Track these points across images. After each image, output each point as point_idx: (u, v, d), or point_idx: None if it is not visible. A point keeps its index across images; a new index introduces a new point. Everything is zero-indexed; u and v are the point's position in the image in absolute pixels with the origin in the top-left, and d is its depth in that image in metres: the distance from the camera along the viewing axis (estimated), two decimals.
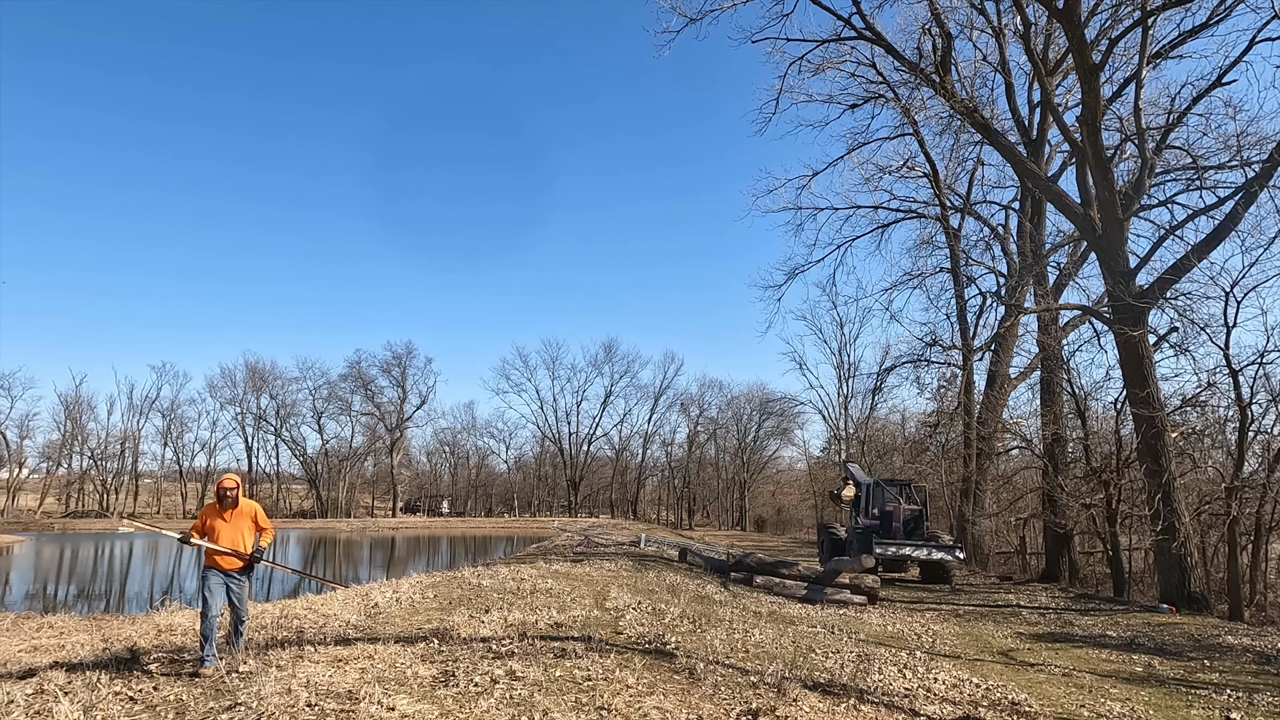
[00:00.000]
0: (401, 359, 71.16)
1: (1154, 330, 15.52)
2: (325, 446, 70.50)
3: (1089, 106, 14.79)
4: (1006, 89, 20.77)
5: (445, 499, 76.02)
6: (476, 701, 5.14)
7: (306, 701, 4.87)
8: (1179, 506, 13.73)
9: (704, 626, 8.85)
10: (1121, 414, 16.97)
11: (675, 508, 72.29)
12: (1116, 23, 17.37)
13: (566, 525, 50.44)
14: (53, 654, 7.35)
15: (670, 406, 72.13)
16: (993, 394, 23.58)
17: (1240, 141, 15.51)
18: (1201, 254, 13.97)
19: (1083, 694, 6.87)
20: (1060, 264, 23.62)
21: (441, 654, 6.57)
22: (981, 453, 23.22)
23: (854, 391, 49.58)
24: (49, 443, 65.02)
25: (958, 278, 25.59)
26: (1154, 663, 8.57)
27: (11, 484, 58.90)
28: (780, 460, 70.45)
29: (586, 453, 73.66)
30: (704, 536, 45.10)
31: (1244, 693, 7.00)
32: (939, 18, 18.78)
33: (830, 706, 5.56)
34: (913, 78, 19.88)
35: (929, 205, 26.73)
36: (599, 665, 6.27)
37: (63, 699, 4.99)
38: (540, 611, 9.08)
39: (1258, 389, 13.69)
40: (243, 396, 68.70)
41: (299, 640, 7.03)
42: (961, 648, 9.34)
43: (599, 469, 74.91)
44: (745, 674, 6.39)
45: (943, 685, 6.67)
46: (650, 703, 5.31)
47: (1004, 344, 23.60)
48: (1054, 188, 17.87)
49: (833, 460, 51.48)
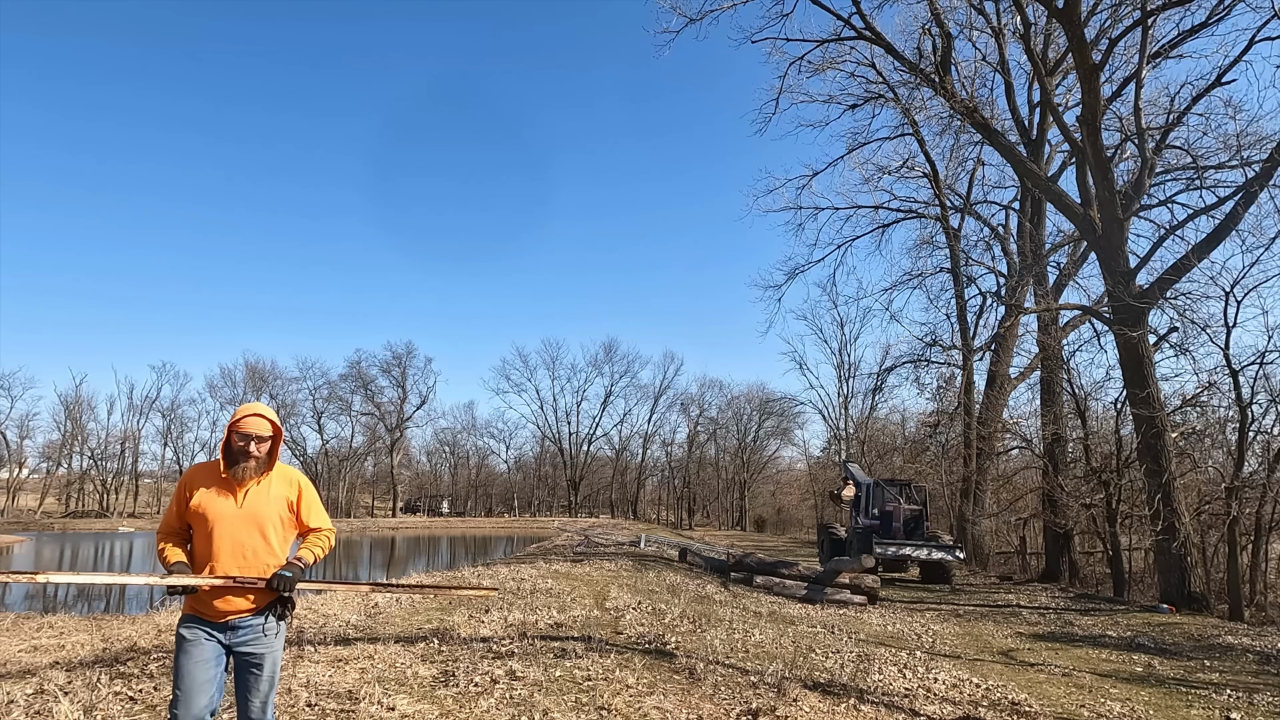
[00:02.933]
0: (401, 359, 71.30)
1: (1154, 330, 15.53)
2: (325, 446, 70.55)
3: (1089, 106, 14.79)
4: (1006, 89, 20.79)
5: (445, 499, 76.06)
6: (476, 701, 5.14)
7: (306, 701, 4.88)
8: (1179, 506, 13.73)
9: (704, 626, 8.85)
10: (1121, 414, 16.97)
11: (675, 508, 72.32)
12: (1116, 22, 17.38)
13: (566, 525, 50.44)
14: (53, 654, 7.35)
15: (670, 406, 72.28)
16: (993, 394, 23.59)
17: (1240, 141, 15.51)
18: (1201, 254, 13.97)
19: (1083, 694, 6.87)
20: (1060, 264, 23.65)
21: (441, 654, 6.57)
22: (981, 453, 23.22)
23: (854, 391, 49.65)
24: (49, 443, 65.12)
25: (958, 278, 25.60)
26: (1154, 663, 8.57)
27: (11, 484, 58.89)
28: (780, 460, 70.61)
29: (586, 453, 73.72)
30: (704, 536, 45.11)
31: (1244, 693, 7.00)
32: (939, 18, 18.79)
33: (830, 706, 5.56)
34: (913, 78, 19.89)
35: (929, 205, 26.77)
36: (599, 665, 6.27)
37: (63, 699, 4.99)
38: (540, 611, 9.08)
39: (1258, 389, 13.71)
40: (243, 396, 68.70)
41: (298, 640, 7.03)
42: (961, 648, 9.34)
43: (599, 469, 74.96)
44: (745, 674, 6.39)
45: (943, 685, 6.67)
46: (650, 703, 5.31)
47: (1004, 344, 23.60)
48: (1054, 188, 17.87)
49: (833, 460, 51.49)
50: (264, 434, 3.14)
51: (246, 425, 3.11)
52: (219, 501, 3.10)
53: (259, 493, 3.16)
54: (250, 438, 3.11)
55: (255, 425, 3.13)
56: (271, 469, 3.21)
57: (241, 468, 3.11)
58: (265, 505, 3.16)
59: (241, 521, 3.10)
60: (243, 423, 3.12)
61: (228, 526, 3.08)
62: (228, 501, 3.10)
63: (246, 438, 3.11)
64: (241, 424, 3.12)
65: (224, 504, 3.10)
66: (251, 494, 3.14)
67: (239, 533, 3.09)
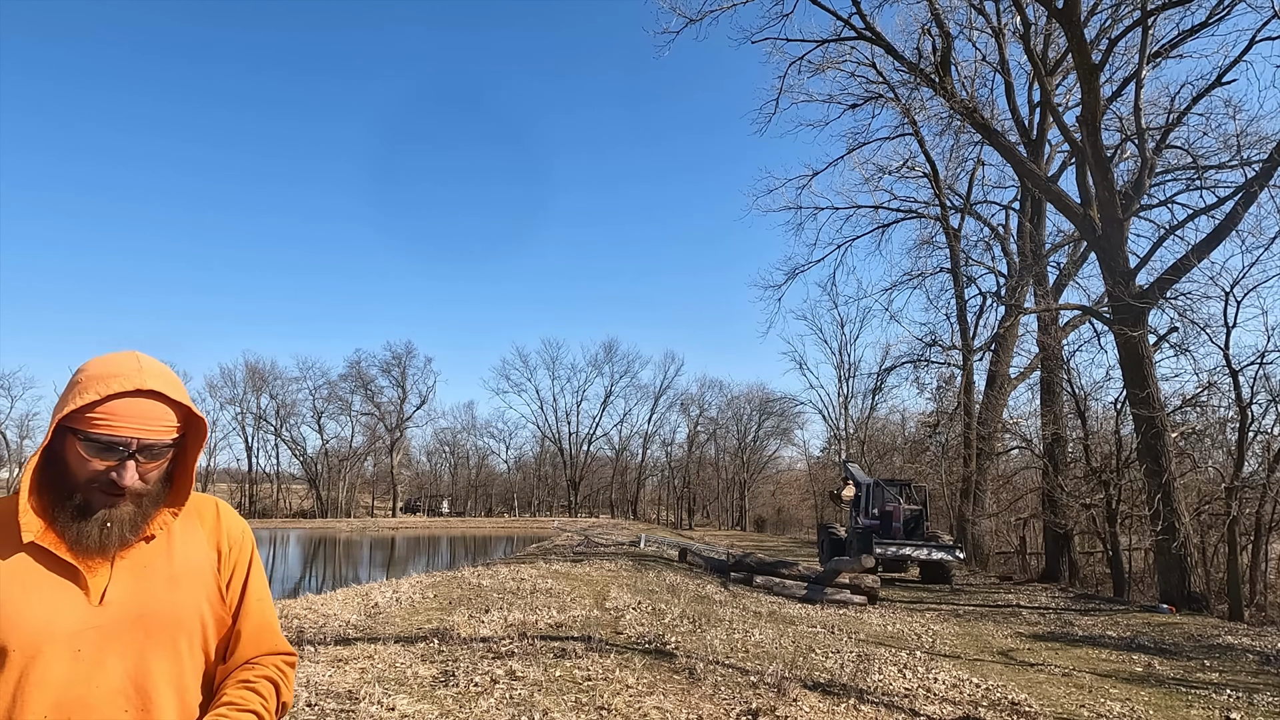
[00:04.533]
0: (401, 359, 71.16)
1: (1154, 330, 15.53)
2: (325, 446, 70.47)
3: (1089, 106, 14.80)
4: (1006, 89, 20.79)
5: (445, 499, 76.01)
6: (476, 701, 5.14)
7: (306, 701, 4.88)
8: (1179, 506, 13.73)
9: (704, 626, 8.85)
10: (1121, 414, 16.98)
11: (675, 508, 72.31)
12: (1116, 22, 17.39)
13: (566, 525, 50.43)
14: None
15: (670, 406, 72.11)
16: (993, 394, 23.59)
17: (1240, 141, 15.52)
18: (1201, 254, 13.97)
19: (1083, 694, 6.87)
20: (1060, 264, 23.65)
21: (441, 654, 6.57)
22: (981, 453, 23.22)
23: (854, 391, 49.58)
24: None
25: (958, 278, 25.60)
26: (1154, 663, 8.57)
27: (11, 484, 58.95)
28: (780, 460, 70.54)
29: (586, 453, 73.66)
30: (704, 536, 45.10)
31: (1244, 693, 7.00)
32: (939, 18, 18.80)
33: (830, 706, 5.56)
34: (913, 78, 19.89)
35: (929, 205, 26.76)
36: (599, 665, 6.27)
37: None
38: (540, 611, 9.08)
39: (1258, 389, 13.71)
40: (243, 396, 68.65)
41: (299, 640, 7.03)
42: (961, 648, 9.34)
43: (599, 469, 74.92)
44: (745, 674, 6.39)
45: (943, 685, 6.67)
46: (650, 703, 5.31)
47: (1004, 344, 23.61)
48: (1054, 188, 17.87)
49: (833, 460, 51.48)
50: (158, 437, 1.27)
51: (117, 416, 1.23)
52: (44, 602, 1.24)
53: (147, 565, 1.32)
54: (125, 447, 1.24)
55: (138, 416, 1.24)
56: (179, 506, 1.37)
57: (100, 525, 1.26)
58: (166, 592, 1.32)
59: (103, 643, 1.26)
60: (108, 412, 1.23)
61: (64, 663, 1.23)
62: (67, 598, 1.25)
63: (115, 447, 1.24)
64: (106, 415, 1.23)
65: (58, 607, 1.24)
66: (129, 574, 1.30)
67: (93, 676, 1.24)
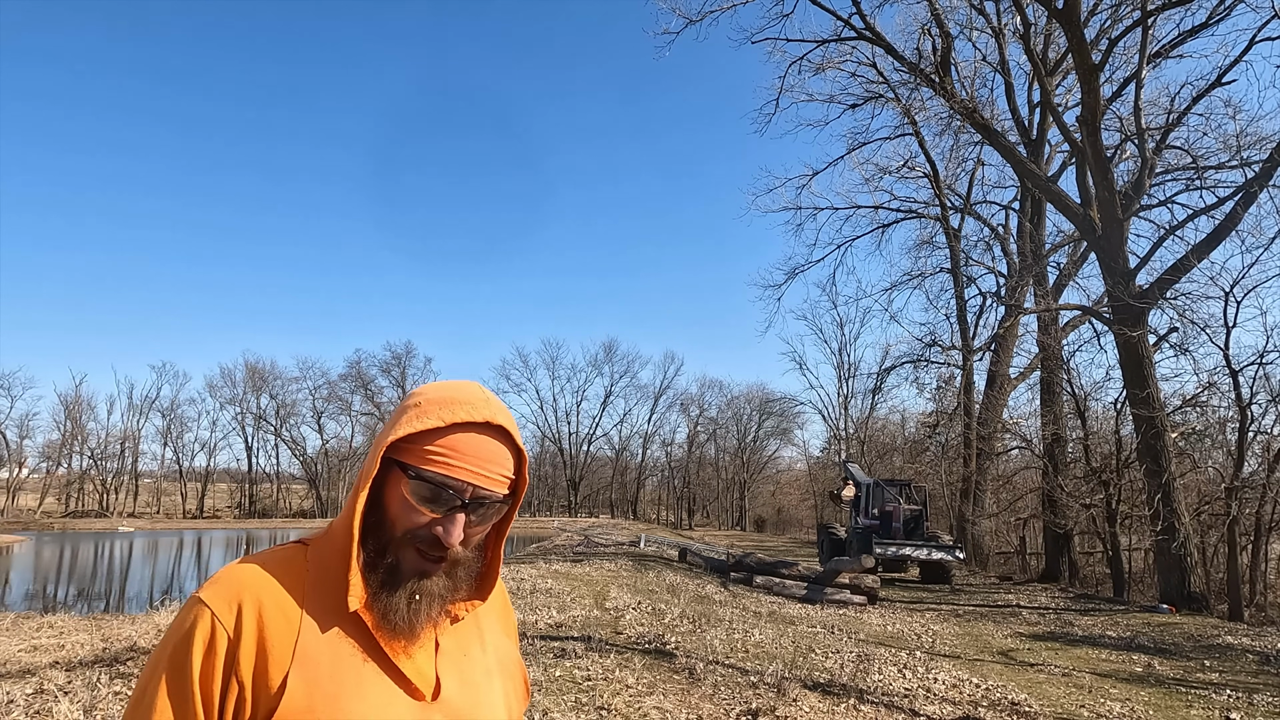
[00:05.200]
0: (401, 359, 71.16)
1: (1154, 330, 15.54)
2: (325, 446, 70.55)
3: (1089, 106, 14.80)
4: (1006, 89, 20.80)
5: None
6: None
7: None
8: (1179, 506, 13.73)
9: (704, 626, 8.85)
10: (1121, 414, 16.98)
11: (675, 508, 72.31)
12: (1116, 22, 17.39)
13: (566, 525, 50.42)
14: (52, 654, 7.34)
15: (670, 406, 72.13)
16: (993, 394, 23.59)
17: (1240, 141, 15.52)
18: (1201, 254, 13.98)
19: (1083, 694, 6.88)
20: (1060, 264, 23.65)
21: None
22: (981, 453, 23.23)
23: (854, 391, 49.57)
24: (49, 443, 65.03)
25: (958, 278, 25.61)
26: (1154, 663, 8.57)
27: (11, 484, 58.90)
28: (780, 460, 70.52)
29: (586, 453, 73.68)
30: (704, 536, 45.09)
31: (1244, 693, 7.00)
32: (939, 18, 18.80)
33: (830, 706, 5.56)
34: (913, 78, 19.90)
35: (929, 205, 26.77)
36: (599, 665, 6.27)
37: (63, 699, 4.99)
38: (540, 611, 9.08)
39: (1258, 389, 13.72)
40: (242, 396, 68.72)
41: None
42: (961, 648, 9.34)
43: (599, 469, 74.94)
44: (745, 674, 6.39)
45: (942, 685, 6.67)
46: (650, 703, 5.31)
47: (1004, 344, 23.61)
48: (1054, 188, 17.87)
49: (833, 460, 51.47)
50: (493, 489, 0.98)
51: (457, 454, 0.95)
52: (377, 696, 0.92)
53: (467, 654, 1.07)
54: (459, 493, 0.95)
55: (480, 457, 0.96)
56: (486, 593, 1.09)
57: (409, 598, 0.95)
58: (487, 692, 1.05)
59: None
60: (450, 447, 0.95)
61: None
62: (389, 692, 0.93)
63: (447, 490, 0.94)
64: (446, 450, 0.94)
65: (389, 703, 0.92)
66: (453, 663, 1.03)
67: None
